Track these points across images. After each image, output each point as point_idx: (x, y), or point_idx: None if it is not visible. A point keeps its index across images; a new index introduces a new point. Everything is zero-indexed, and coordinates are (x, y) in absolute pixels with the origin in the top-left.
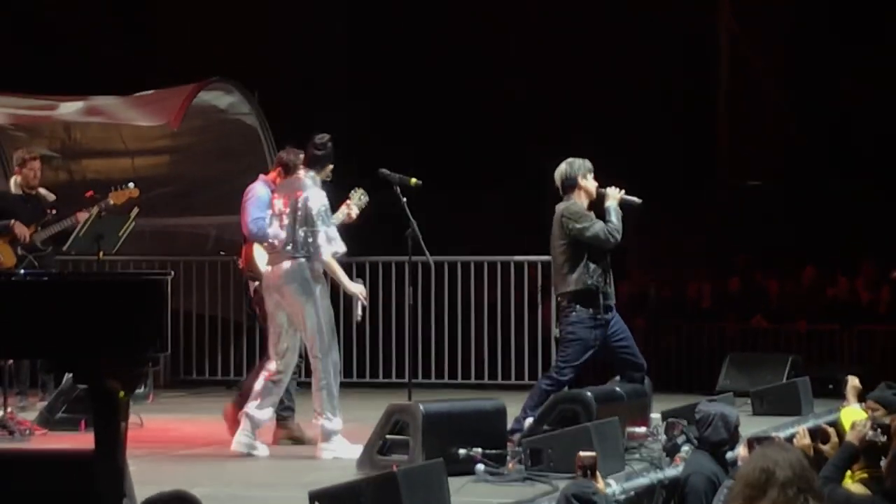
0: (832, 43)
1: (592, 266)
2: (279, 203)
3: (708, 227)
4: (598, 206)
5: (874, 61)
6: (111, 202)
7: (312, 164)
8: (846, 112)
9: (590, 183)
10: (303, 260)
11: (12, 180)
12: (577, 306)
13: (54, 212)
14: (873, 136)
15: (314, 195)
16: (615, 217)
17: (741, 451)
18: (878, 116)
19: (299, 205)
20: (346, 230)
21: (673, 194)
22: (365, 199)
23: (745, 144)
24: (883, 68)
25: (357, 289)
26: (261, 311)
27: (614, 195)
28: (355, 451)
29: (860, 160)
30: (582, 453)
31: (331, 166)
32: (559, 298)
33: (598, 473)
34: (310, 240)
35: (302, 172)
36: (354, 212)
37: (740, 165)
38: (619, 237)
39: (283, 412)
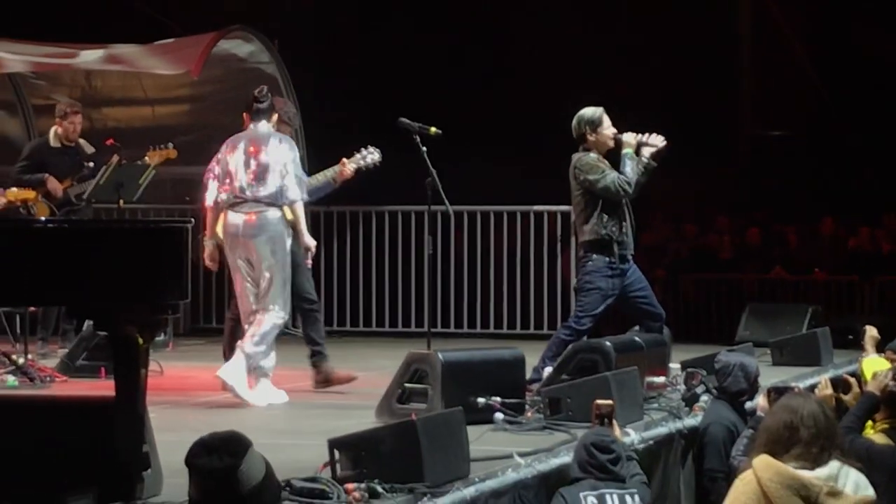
0: None
1: (606, 216)
2: (258, 154)
3: (729, 178)
4: (618, 153)
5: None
6: (147, 160)
7: (259, 116)
8: (869, 61)
9: (602, 134)
10: (273, 209)
11: (52, 131)
12: (593, 255)
13: (91, 164)
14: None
15: (288, 143)
16: (629, 168)
17: (760, 401)
18: None
19: (279, 152)
20: (362, 179)
21: (694, 145)
22: (372, 158)
23: (767, 95)
24: None
25: (312, 242)
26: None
27: (630, 142)
28: (280, 395)
29: (883, 110)
30: (599, 401)
31: (276, 116)
32: (577, 248)
33: (615, 421)
34: (284, 186)
35: (261, 123)
36: (350, 168)
37: (763, 116)
38: (630, 188)
39: (313, 357)
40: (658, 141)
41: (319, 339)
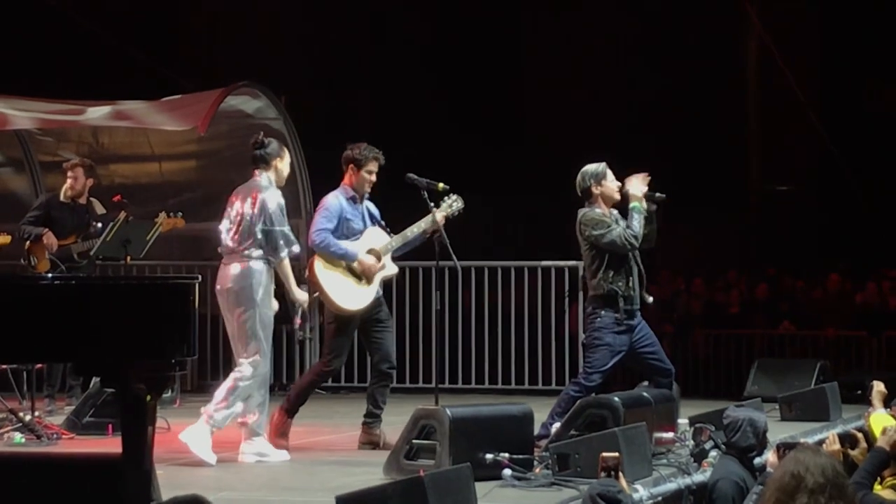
0: (860, 47)
1: (612, 271)
2: (237, 205)
3: (737, 233)
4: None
5: None
6: (156, 222)
7: (258, 163)
8: (876, 116)
9: (607, 187)
10: (254, 262)
11: (64, 186)
12: (602, 311)
13: (99, 225)
14: None
15: (270, 195)
16: (636, 221)
17: (770, 456)
18: None
19: (257, 205)
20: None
21: (702, 200)
22: (458, 205)
23: (775, 150)
24: None
25: (302, 297)
26: (323, 317)
27: (636, 194)
28: (280, 454)
29: (890, 165)
30: (605, 454)
31: (280, 160)
32: (586, 303)
33: (621, 474)
34: (266, 240)
35: (257, 173)
36: (440, 217)
37: (771, 170)
38: (636, 242)
39: (369, 418)
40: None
41: (382, 404)
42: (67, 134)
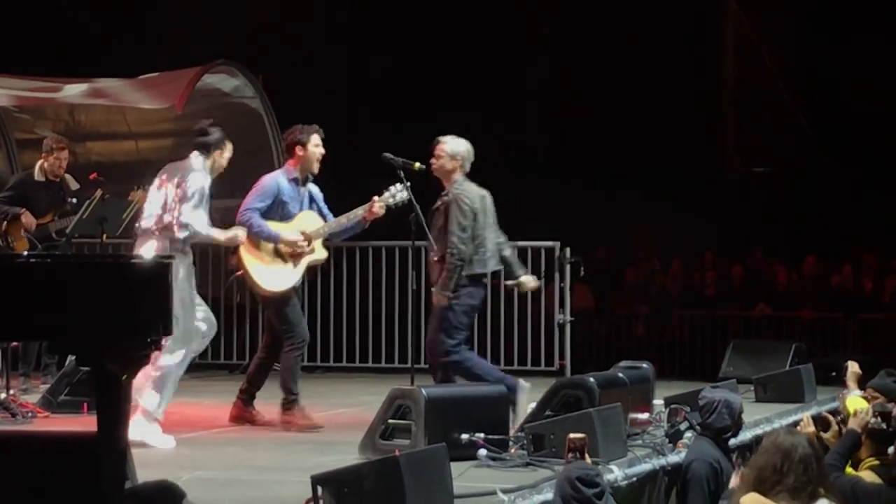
0: (838, 32)
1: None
2: (165, 185)
3: (714, 215)
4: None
5: (879, 50)
6: (131, 198)
7: (199, 149)
8: (852, 99)
9: None
10: (175, 242)
11: (37, 165)
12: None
13: (75, 200)
14: (878, 123)
15: (194, 178)
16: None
17: (734, 478)
18: (883, 103)
19: (180, 186)
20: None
21: (678, 182)
22: (402, 196)
23: (752, 132)
24: (888, 56)
25: (229, 234)
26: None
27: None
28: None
29: (865, 148)
30: (572, 435)
31: (220, 153)
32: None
33: (587, 455)
34: (174, 217)
35: (195, 154)
36: (377, 207)
37: (747, 153)
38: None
39: (289, 397)
40: None
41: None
42: (44, 111)
